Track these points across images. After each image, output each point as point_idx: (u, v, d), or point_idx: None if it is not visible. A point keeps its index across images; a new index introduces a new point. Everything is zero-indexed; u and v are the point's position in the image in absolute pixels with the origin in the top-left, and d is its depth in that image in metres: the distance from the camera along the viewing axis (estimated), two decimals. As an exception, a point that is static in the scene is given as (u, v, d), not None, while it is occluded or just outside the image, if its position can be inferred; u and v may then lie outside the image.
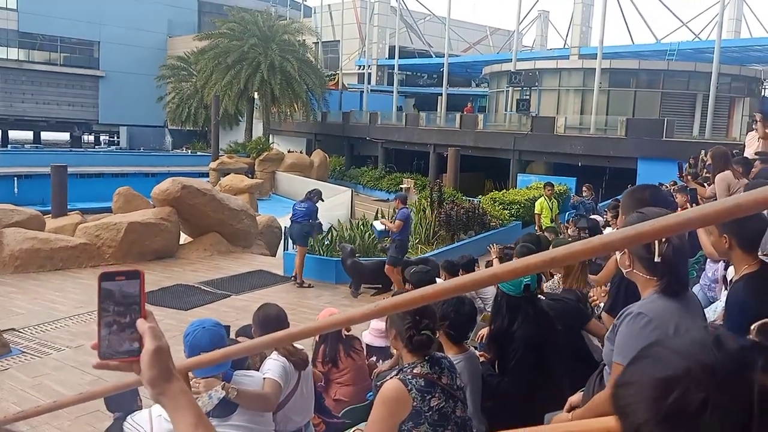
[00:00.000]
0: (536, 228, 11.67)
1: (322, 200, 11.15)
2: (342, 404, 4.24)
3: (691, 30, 51.61)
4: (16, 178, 23.43)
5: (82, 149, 39.05)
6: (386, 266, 9.40)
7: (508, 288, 3.19)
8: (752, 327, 1.24)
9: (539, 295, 3.80)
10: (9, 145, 37.76)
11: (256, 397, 2.90)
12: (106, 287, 1.03)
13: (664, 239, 1.93)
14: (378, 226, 9.99)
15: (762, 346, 0.66)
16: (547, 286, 4.54)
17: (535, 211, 12.34)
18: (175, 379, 1.01)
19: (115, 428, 3.40)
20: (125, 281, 1.04)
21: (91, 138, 45.92)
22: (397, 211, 9.93)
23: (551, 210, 12.09)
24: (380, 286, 9.81)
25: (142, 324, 1.02)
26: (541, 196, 12.64)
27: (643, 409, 0.65)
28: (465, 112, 29.71)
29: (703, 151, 10.35)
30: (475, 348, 3.58)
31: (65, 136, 44.88)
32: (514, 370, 3.15)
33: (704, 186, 6.38)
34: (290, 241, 12.87)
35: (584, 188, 13.75)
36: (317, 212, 10.42)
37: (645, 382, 0.66)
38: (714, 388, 0.62)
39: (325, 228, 12.89)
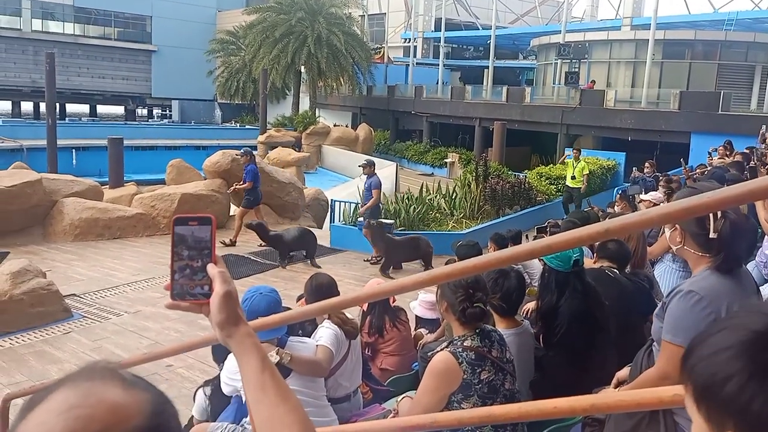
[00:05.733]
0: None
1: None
2: (388, 373, 4.33)
3: (752, -2, 48.97)
4: (74, 150, 24.16)
5: (136, 122, 39.96)
6: (363, 231, 9.97)
7: (556, 264, 3.18)
8: None
9: (617, 270, 3.71)
10: (67, 118, 38.88)
11: (308, 363, 3.01)
12: (179, 231, 1.05)
13: (720, 215, 1.90)
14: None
15: None
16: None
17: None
18: (243, 323, 1.03)
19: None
20: (198, 226, 1.05)
21: (145, 111, 47.02)
22: (365, 179, 10.92)
23: (574, 168, 14.36)
24: (304, 252, 10.06)
25: (212, 268, 1.04)
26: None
27: (733, 371, 0.64)
28: (588, 88, 24.75)
29: (763, 126, 9.97)
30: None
31: (120, 109, 46.06)
32: (559, 344, 3.16)
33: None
34: (335, 213, 13.05)
35: (647, 164, 13.39)
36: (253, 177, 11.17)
37: (734, 345, 0.66)
38: None
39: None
